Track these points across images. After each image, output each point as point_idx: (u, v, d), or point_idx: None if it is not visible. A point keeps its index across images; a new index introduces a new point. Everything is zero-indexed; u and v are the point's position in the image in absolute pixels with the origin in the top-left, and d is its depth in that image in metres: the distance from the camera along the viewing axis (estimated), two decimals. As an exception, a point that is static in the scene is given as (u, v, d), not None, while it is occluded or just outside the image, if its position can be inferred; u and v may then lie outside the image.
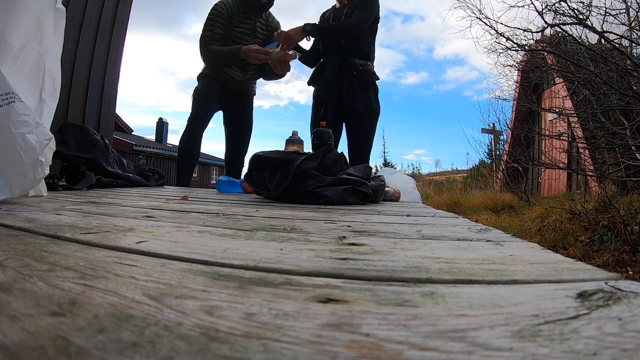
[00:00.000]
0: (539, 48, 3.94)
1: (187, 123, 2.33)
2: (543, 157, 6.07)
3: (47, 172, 0.84)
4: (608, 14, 3.02)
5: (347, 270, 0.32)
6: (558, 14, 3.09)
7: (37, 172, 0.78)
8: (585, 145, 4.27)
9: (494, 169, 8.15)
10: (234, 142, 2.49)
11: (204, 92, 2.34)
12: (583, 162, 4.43)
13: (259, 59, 2.16)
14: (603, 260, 2.27)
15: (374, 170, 2.81)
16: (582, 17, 2.90)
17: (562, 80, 5.08)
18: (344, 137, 2.30)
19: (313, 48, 2.34)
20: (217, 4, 2.25)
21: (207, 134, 2.44)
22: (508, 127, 7.17)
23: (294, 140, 1.78)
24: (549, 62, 4.64)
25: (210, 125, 2.45)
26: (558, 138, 5.33)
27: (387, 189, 1.60)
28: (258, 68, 2.41)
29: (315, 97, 2.28)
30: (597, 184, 4.03)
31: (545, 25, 3.15)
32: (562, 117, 5.43)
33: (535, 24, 4.16)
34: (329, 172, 1.29)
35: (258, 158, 1.31)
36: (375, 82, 2.23)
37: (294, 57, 2.16)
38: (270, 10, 2.42)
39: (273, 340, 0.18)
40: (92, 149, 1.56)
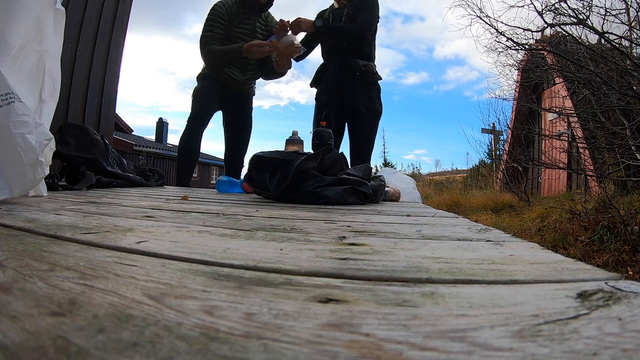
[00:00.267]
0: (539, 47, 3.94)
1: (187, 123, 2.33)
2: (543, 157, 6.07)
3: (47, 172, 0.84)
4: (608, 14, 3.02)
5: (347, 270, 0.32)
6: (558, 14, 3.09)
7: (37, 172, 0.78)
8: (585, 145, 4.26)
9: (494, 169, 8.15)
10: (234, 142, 2.50)
11: (204, 92, 2.34)
12: (583, 162, 4.43)
13: (263, 52, 2.15)
14: (603, 260, 2.27)
15: (374, 170, 2.81)
16: (582, 17, 2.90)
17: (562, 80, 5.08)
18: (347, 137, 2.30)
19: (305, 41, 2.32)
20: (216, 4, 2.26)
21: (207, 134, 2.44)
22: (508, 127, 7.18)
23: (294, 140, 1.78)
24: (549, 61, 4.64)
25: (210, 125, 2.46)
26: (558, 138, 5.33)
27: (387, 189, 1.60)
28: (258, 68, 2.41)
29: (317, 99, 2.28)
30: (597, 184, 4.02)
31: (545, 25, 3.16)
32: (562, 117, 5.43)
33: (536, 24, 4.16)
34: (329, 172, 1.29)
35: (258, 158, 1.31)
36: (378, 82, 2.23)
37: (300, 50, 2.14)
38: (270, 11, 2.42)
39: (273, 340, 0.18)
40: (92, 149, 1.56)
